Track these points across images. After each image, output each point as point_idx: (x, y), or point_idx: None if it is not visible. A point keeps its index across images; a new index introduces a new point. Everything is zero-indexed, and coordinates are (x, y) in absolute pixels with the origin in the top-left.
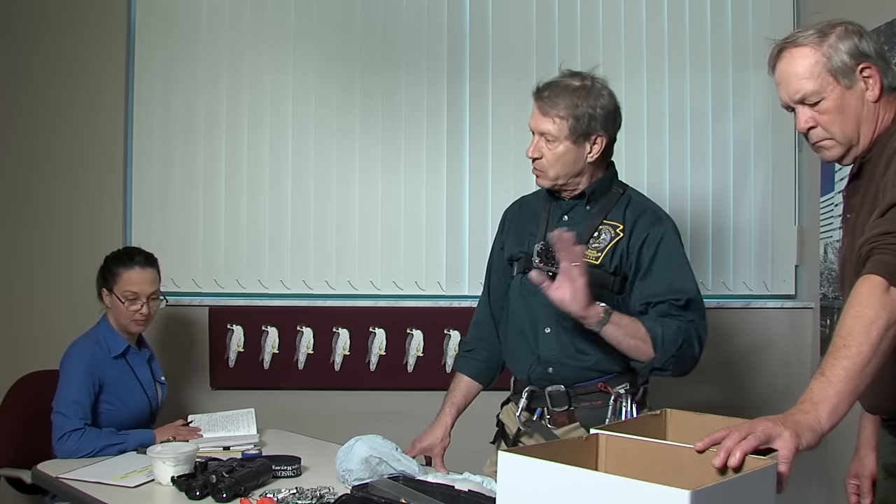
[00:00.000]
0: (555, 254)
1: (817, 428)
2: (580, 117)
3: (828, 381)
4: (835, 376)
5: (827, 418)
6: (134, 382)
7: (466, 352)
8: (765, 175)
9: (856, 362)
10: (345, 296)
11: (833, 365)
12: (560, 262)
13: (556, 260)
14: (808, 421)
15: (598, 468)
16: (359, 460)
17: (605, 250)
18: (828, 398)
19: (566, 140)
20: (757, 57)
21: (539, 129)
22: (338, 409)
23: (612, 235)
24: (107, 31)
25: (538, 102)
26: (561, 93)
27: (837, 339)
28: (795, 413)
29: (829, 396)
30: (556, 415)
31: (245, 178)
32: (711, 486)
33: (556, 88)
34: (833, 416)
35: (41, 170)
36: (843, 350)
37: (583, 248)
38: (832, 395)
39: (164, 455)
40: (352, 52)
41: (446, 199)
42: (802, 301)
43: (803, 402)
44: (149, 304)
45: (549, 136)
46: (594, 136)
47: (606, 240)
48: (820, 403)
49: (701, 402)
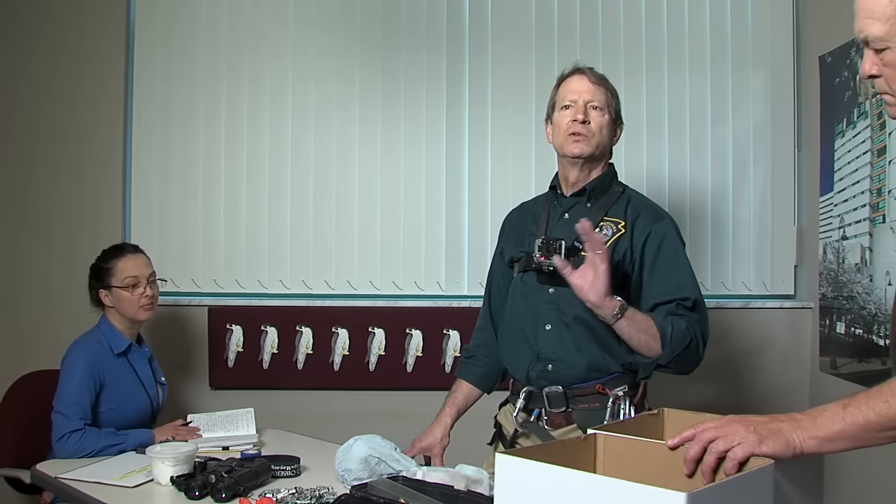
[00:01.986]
0: (556, 248)
1: (796, 446)
2: (615, 97)
3: (842, 419)
4: (851, 418)
5: (814, 446)
6: (135, 382)
7: (467, 358)
8: (764, 175)
9: (881, 422)
10: (344, 296)
11: (860, 408)
12: (584, 249)
13: (557, 254)
14: (791, 437)
15: (595, 468)
16: (358, 460)
17: (607, 245)
18: (830, 432)
19: (608, 113)
20: (757, 57)
21: (585, 97)
22: (337, 409)
23: (614, 231)
24: (106, 30)
25: (584, 75)
26: (600, 75)
27: (885, 389)
28: (786, 422)
29: (833, 432)
30: (554, 416)
31: (244, 179)
32: (707, 488)
33: (594, 69)
34: (822, 448)
35: (40, 170)
36: (880, 403)
37: (602, 237)
38: (835, 433)
39: (163, 455)
40: (351, 47)
41: (446, 199)
42: (801, 301)
43: (804, 417)
44: (150, 286)
45: (597, 104)
46: (619, 120)
47: (609, 234)
48: (818, 430)
49: (700, 402)
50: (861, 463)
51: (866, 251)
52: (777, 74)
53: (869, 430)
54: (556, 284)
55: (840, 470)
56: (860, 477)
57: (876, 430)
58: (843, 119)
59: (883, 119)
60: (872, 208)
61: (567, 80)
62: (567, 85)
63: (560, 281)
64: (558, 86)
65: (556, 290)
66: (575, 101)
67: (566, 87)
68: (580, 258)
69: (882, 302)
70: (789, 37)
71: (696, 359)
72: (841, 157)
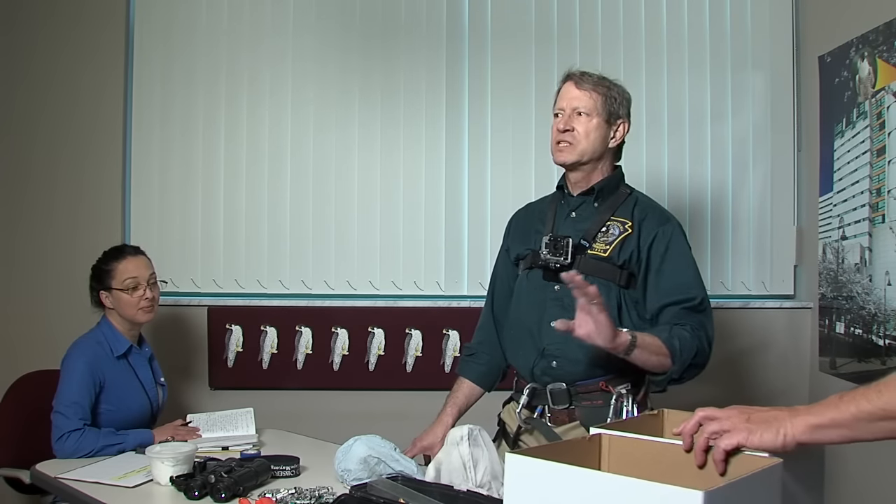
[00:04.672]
0: (563, 246)
1: (787, 434)
2: (610, 97)
3: (835, 406)
4: (844, 406)
5: (805, 433)
6: (135, 383)
7: (469, 356)
8: (764, 175)
9: (873, 411)
10: (343, 296)
11: (854, 397)
12: (577, 303)
13: (563, 251)
14: (782, 426)
15: (601, 468)
16: (357, 460)
17: (614, 244)
18: (823, 419)
19: (598, 116)
20: (756, 57)
21: (573, 104)
22: (336, 409)
23: (621, 230)
24: (106, 30)
25: (571, 80)
26: (593, 75)
27: (881, 382)
28: (785, 412)
29: (825, 419)
30: (557, 413)
31: (243, 179)
32: (723, 486)
33: (589, 73)
34: (814, 436)
35: (40, 170)
36: (873, 392)
37: (596, 289)
38: (827, 420)
39: (162, 455)
40: (350, 47)
41: (445, 199)
42: (801, 301)
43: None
44: (150, 287)
45: (583, 109)
46: (619, 120)
47: (615, 234)
48: (812, 417)
49: (700, 402)
50: (862, 457)
51: (866, 251)
52: (776, 74)
53: (861, 419)
54: (562, 282)
55: (841, 465)
56: (861, 472)
57: (868, 420)
58: (842, 119)
59: (882, 119)
60: (872, 208)
61: (560, 87)
62: (561, 91)
63: None
64: (558, 89)
65: (561, 287)
66: (563, 110)
67: (560, 94)
68: (586, 256)
69: (881, 302)
70: (789, 37)
71: (705, 363)
72: (840, 157)
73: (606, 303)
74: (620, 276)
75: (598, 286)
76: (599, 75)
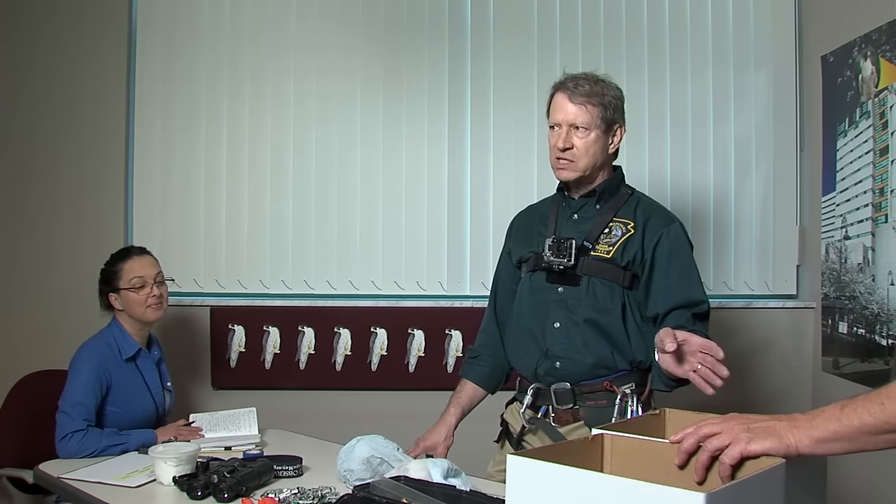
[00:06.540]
0: (567, 247)
1: (791, 444)
2: (608, 105)
3: (837, 419)
4: (847, 419)
5: (809, 447)
6: (142, 387)
7: (472, 358)
8: (766, 175)
9: (876, 424)
10: (346, 296)
11: (856, 410)
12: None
13: (566, 253)
14: (787, 436)
15: (603, 468)
16: (360, 460)
17: (617, 245)
18: (826, 432)
19: (596, 129)
20: (759, 56)
21: (569, 119)
22: (339, 409)
23: (624, 231)
24: (108, 30)
25: (565, 93)
26: (586, 82)
27: (883, 391)
28: (785, 421)
29: (828, 433)
30: (561, 413)
31: (246, 179)
32: (726, 488)
33: (580, 79)
34: (817, 450)
35: (42, 170)
36: (875, 405)
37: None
38: (830, 434)
39: (165, 455)
40: (353, 46)
41: (447, 198)
42: (804, 301)
43: (803, 418)
44: (158, 286)
45: (581, 124)
46: (616, 125)
47: (618, 235)
48: (814, 430)
49: (702, 401)
50: (864, 459)
51: (868, 251)
52: (779, 74)
53: (864, 433)
54: (565, 283)
55: (843, 468)
56: (863, 475)
57: (871, 433)
58: (845, 118)
59: (885, 119)
60: (875, 208)
61: (554, 95)
62: (554, 102)
63: (569, 280)
64: (551, 96)
65: (564, 289)
66: (559, 124)
67: (554, 104)
68: (589, 258)
69: (884, 302)
70: (791, 36)
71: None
72: (843, 157)
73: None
74: (624, 277)
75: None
76: (591, 79)
